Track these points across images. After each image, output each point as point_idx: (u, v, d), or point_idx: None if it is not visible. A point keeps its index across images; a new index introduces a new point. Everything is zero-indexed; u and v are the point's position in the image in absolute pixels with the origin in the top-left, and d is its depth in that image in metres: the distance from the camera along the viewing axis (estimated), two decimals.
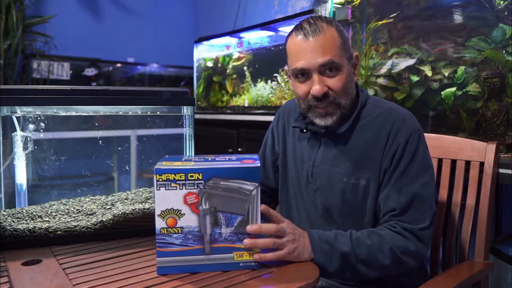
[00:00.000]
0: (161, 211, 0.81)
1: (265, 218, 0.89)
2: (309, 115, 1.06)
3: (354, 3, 1.89)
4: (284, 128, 1.23)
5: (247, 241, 0.83)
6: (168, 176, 0.80)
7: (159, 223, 0.82)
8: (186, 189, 0.81)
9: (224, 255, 0.84)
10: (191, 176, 0.81)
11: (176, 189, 0.81)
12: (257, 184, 0.82)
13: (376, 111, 1.06)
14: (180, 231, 0.82)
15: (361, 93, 1.09)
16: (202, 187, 0.81)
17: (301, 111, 1.11)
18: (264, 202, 1.27)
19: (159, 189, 0.81)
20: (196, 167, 0.81)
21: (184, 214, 0.82)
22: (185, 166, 0.82)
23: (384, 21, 1.76)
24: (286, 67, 1.13)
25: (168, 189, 0.81)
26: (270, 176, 1.26)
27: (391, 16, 1.73)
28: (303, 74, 1.02)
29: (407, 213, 0.98)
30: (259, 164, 0.83)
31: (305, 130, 1.12)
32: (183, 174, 0.80)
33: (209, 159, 0.88)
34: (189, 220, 0.82)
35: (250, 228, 0.83)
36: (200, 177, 0.81)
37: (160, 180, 0.80)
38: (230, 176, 0.82)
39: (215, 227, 0.83)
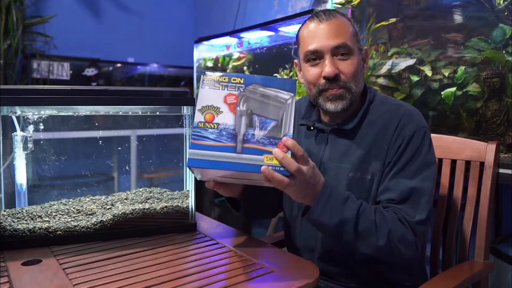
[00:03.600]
0: (202, 106, 0.86)
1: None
2: (319, 101, 1.06)
3: (353, 3, 1.89)
4: None
5: (276, 150, 0.83)
6: (214, 77, 0.87)
7: (198, 117, 0.85)
8: (227, 90, 0.87)
9: (254, 156, 0.84)
10: (234, 80, 0.88)
11: (219, 89, 0.87)
12: (292, 94, 0.88)
13: (383, 107, 1.07)
14: (216, 127, 0.85)
15: (369, 90, 1.10)
16: (242, 90, 0.87)
17: (311, 100, 1.12)
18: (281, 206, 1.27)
19: (204, 87, 0.86)
20: (239, 73, 0.88)
21: (222, 112, 0.86)
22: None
23: (384, 23, 1.76)
24: (296, 60, 1.14)
25: (211, 88, 0.87)
26: None
27: (391, 17, 1.73)
28: (314, 58, 1.03)
29: (405, 204, 0.98)
30: (296, 78, 0.89)
31: (312, 128, 1.12)
32: (227, 77, 0.87)
33: None
34: (226, 118, 0.85)
35: (285, 139, 0.84)
36: (242, 82, 0.87)
37: (206, 79, 0.87)
38: (269, 84, 0.88)
39: (249, 128, 0.86)
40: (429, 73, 1.59)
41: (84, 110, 1.11)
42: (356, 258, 1.00)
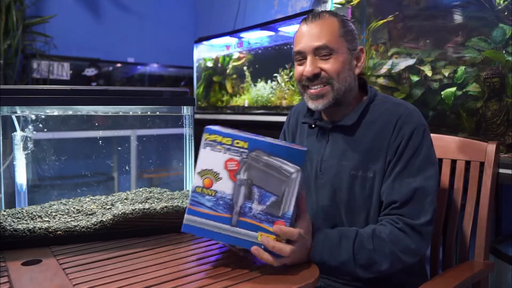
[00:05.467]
0: (201, 169, 0.82)
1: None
2: (304, 99, 1.10)
3: (353, 3, 1.89)
4: (293, 128, 1.25)
5: (264, 239, 0.82)
6: (216, 137, 0.81)
7: (197, 181, 0.82)
8: (229, 154, 0.81)
9: (248, 232, 0.82)
10: (237, 143, 0.81)
11: (221, 152, 0.81)
12: (298, 168, 0.81)
13: (384, 106, 1.08)
14: (213, 194, 0.82)
15: (370, 89, 1.11)
16: (245, 156, 0.81)
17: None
18: None
19: (205, 148, 0.82)
20: (244, 136, 0.82)
21: (221, 178, 0.81)
22: (234, 132, 0.82)
23: (383, 22, 1.76)
24: None
25: (213, 150, 0.81)
26: None
27: (391, 16, 1.73)
28: (300, 58, 1.07)
29: (408, 206, 0.98)
30: (306, 149, 0.82)
31: (313, 126, 1.14)
32: (230, 139, 0.81)
33: (261, 136, 0.87)
34: (225, 186, 0.82)
35: (277, 229, 0.82)
36: (245, 146, 0.81)
37: (208, 139, 0.82)
38: (274, 153, 0.81)
39: (248, 200, 0.81)
40: (429, 73, 1.59)
41: (84, 110, 1.11)
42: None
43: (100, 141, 1.19)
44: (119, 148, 1.29)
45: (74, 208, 1.09)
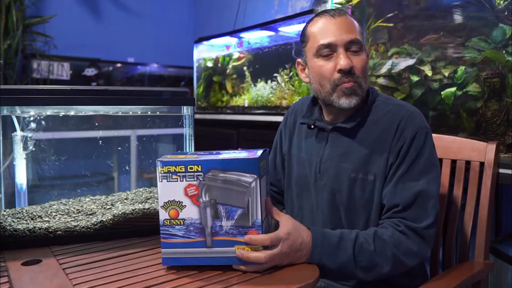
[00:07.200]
0: (164, 202, 0.83)
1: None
2: (333, 97, 1.04)
3: (352, 3, 1.89)
4: (290, 128, 1.23)
5: (239, 253, 0.82)
6: (170, 168, 0.82)
7: (163, 215, 0.84)
8: (186, 181, 0.82)
9: (225, 249, 0.83)
10: (191, 168, 0.82)
11: (177, 181, 0.82)
12: (256, 176, 0.81)
13: (385, 108, 1.06)
14: (182, 223, 0.83)
15: (371, 89, 1.10)
16: (201, 179, 0.82)
17: (321, 98, 1.09)
18: (279, 204, 1.26)
19: (162, 181, 0.83)
20: (195, 159, 0.82)
21: (185, 206, 0.83)
22: (185, 159, 0.83)
23: (382, 23, 1.76)
24: (299, 59, 1.13)
25: (169, 181, 0.83)
26: (281, 178, 1.25)
27: (391, 17, 1.73)
28: (328, 52, 1.03)
29: (410, 210, 0.97)
30: (257, 156, 0.82)
31: (312, 127, 1.12)
32: (183, 166, 0.82)
33: (214, 153, 0.89)
34: (191, 212, 0.83)
35: (247, 239, 0.82)
36: (199, 169, 0.82)
37: (162, 172, 0.82)
38: (228, 168, 0.82)
39: (216, 219, 0.83)
40: (429, 73, 1.59)
41: (84, 110, 1.11)
42: None
43: (100, 141, 1.19)
44: (119, 148, 1.29)
45: (74, 208, 1.09)
